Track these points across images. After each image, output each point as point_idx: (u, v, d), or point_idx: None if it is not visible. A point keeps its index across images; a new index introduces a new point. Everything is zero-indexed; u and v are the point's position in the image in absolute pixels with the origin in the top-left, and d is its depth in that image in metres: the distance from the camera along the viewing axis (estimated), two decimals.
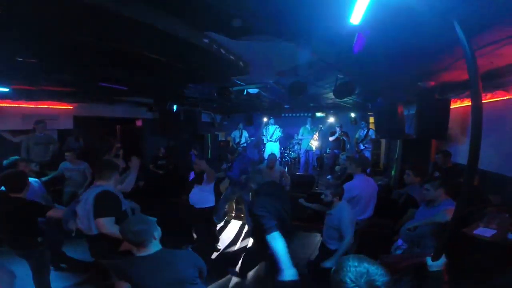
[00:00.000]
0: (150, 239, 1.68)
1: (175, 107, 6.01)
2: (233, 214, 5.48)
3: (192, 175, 3.89)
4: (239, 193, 4.64)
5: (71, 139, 5.68)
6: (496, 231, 2.33)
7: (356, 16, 1.59)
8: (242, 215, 5.32)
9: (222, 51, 2.27)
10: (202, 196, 3.63)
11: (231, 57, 2.45)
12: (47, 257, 2.71)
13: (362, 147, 6.96)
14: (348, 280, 1.00)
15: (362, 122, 7.14)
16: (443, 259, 1.56)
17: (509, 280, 2.01)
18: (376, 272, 1.02)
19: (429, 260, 1.60)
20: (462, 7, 1.40)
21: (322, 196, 2.86)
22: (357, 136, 7.30)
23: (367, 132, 6.99)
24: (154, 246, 1.70)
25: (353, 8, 1.53)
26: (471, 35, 1.40)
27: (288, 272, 1.90)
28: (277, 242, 2.04)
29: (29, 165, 3.50)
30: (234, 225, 5.25)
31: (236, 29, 2.03)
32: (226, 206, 5.10)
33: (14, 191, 2.44)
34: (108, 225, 2.08)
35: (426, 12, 1.52)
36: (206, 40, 2.06)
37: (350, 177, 3.60)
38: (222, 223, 5.06)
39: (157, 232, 1.74)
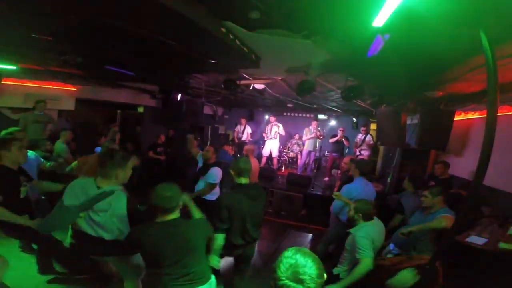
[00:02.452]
0: (177, 206, 1.75)
1: (179, 96, 5.97)
2: None
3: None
4: None
5: (61, 119, 5.67)
6: (487, 240, 2.42)
7: (381, 18, 1.58)
8: None
9: (237, 41, 2.25)
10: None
11: (244, 49, 2.43)
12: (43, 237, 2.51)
13: (357, 152, 7.02)
14: (279, 271, 1.02)
15: (362, 128, 7.20)
16: None
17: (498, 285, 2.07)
18: (305, 264, 1.00)
19: None
20: (487, 17, 1.41)
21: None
22: (356, 140, 7.36)
23: (365, 137, 7.04)
24: (175, 214, 1.76)
25: (378, 10, 1.52)
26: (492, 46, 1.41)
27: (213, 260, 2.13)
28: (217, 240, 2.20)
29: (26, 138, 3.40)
30: None
31: (254, 21, 2.01)
32: None
33: None
34: None
35: (450, 20, 1.52)
36: (223, 29, 2.04)
37: (350, 180, 3.62)
38: None
39: (182, 200, 1.81)
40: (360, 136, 7.15)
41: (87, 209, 1.92)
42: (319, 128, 7.57)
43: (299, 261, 1.02)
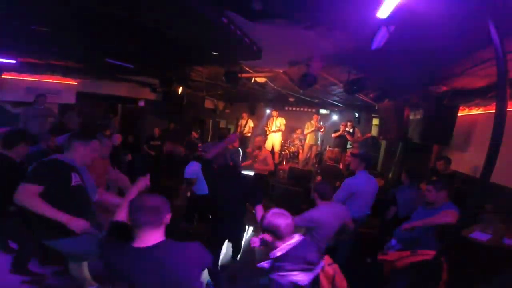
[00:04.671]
0: (157, 225, 1.30)
1: (179, 89, 5.92)
2: None
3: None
4: None
5: (71, 114, 5.63)
6: (491, 235, 2.41)
7: (385, 9, 1.53)
8: None
9: (239, 32, 2.21)
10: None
11: (245, 39, 2.39)
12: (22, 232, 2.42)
13: (349, 145, 7.04)
14: None
15: (349, 123, 7.19)
16: None
17: (502, 281, 2.06)
18: None
19: None
20: (497, 8, 1.36)
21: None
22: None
23: (353, 131, 7.03)
24: (157, 236, 1.31)
25: (383, 1, 1.48)
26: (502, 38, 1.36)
27: None
28: None
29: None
30: None
31: (256, 11, 1.96)
32: None
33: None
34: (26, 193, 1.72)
35: (458, 12, 1.47)
36: (224, 19, 1.99)
37: (351, 173, 3.60)
38: None
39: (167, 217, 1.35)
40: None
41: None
42: (320, 121, 7.54)
43: None
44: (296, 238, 1.55)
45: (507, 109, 3.39)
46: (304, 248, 1.52)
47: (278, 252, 1.53)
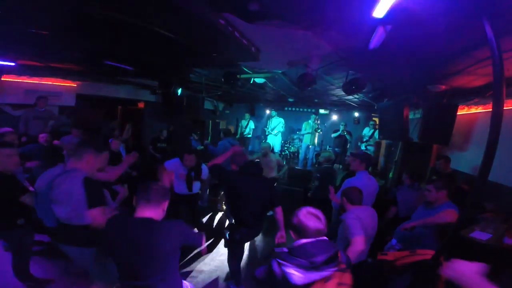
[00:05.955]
0: (156, 203, 1.56)
1: (179, 91, 5.91)
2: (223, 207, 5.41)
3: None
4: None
5: (63, 116, 5.65)
6: (491, 235, 2.40)
7: (381, 9, 1.53)
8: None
9: (237, 34, 2.21)
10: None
11: (244, 41, 2.39)
12: (28, 241, 2.48)
13: (363, 147, 6.96)
14: None
15: (371, 122, 7.15)
16: None
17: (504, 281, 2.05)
18: None
19: None
20: (492, 7, 1.36)
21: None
22: (362, 134, 7.30)
23: (373, 132, 6.96)
24: (152, 212, 1.55)
25: (379, 0, 1.48)
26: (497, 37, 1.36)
27: None
28: None
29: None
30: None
31: (253, 13, 1.97)
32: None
33: None
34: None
35: (455, 10, 1.47)
36: (222, 21, 2.00)
37: (351, 174, 3.59)
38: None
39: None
40: (368, 130, 7.09)
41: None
42: (318, 122, 7.53)
43: None
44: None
45: (504, 108, 3.40)
46: (319, 248, 1.32)
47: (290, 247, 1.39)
